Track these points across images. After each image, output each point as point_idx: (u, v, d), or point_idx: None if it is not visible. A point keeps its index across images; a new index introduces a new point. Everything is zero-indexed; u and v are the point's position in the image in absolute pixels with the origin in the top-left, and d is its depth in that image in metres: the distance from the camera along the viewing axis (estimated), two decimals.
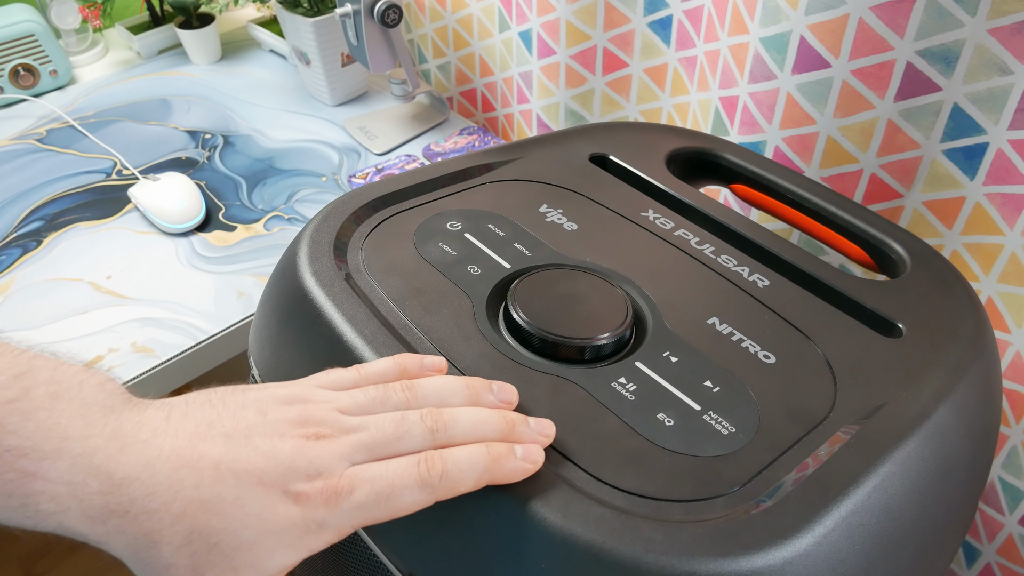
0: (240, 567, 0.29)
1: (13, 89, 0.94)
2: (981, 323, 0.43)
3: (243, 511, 0.29)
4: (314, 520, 0.30)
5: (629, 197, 0.50)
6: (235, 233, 0.75)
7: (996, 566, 0.66)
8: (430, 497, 0.31)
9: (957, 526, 0.41)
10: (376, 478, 0.31)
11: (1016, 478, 0.61)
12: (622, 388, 0.37)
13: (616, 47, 0.76)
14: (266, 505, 0.29)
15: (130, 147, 0.87)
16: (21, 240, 0.74)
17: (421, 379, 0.35)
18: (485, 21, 0.90)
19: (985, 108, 0.53)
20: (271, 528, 0.29)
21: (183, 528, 0.29)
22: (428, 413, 0.33)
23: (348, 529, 0.31)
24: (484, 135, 0.89)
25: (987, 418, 0.42)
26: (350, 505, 0.30)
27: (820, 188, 0.52)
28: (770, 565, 0.30)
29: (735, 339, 0.40)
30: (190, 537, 0.29)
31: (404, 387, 0.34)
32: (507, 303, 0.41)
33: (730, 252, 0.46)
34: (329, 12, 0.86)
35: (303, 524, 0.30)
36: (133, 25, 1.05)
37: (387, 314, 0.40)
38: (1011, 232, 0.55)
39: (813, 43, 0.56)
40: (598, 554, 0.30)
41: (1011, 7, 0.49)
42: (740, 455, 0.34)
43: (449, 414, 0.33)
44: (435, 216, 0.47)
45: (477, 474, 0.32)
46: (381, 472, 0.31)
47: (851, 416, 0.36)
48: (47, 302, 0.67)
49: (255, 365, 0.47)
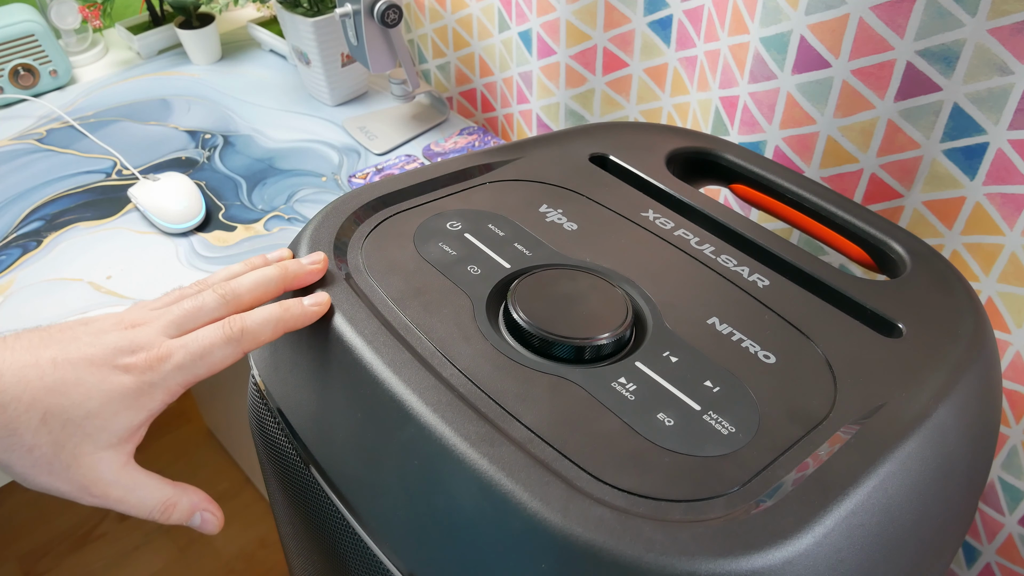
0: (93, 432, 0.36)
1: (13, 89, 0.94)
2: (981, 323, 0.43)
3: (84, 387, 0.35)
4: (145, 383, 0.36)
5: (629, 197, 0.50)
6: (235, 233, 0.75)
7: (996, 566, 0.66)
8: (237, 350, 0.38)
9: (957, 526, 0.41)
10: (189, 343, 0.38)
11: (1016, 478, 0.61)
12: (622, 388, 0.37)
13: (616, 47, 0.76)
14: (102, 379, 0.36)
15: (130, 147, 0.87)
16: (21, 240, 0.74)
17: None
18: (485, 21, 0.90)
19: (985, 108, 0.53)
20: (111, 395, 0.36)
21: (36, 413, 0.34)
22: (219, 285, 0.40)
23: (176, 388, 0.37)
24: (484, 135, 0.89)
25: (987, 418, 0.42)
26: (171, 367, 0.37)
27: (820, 188, 0.52)
28: (770, 565, 0.30)
29: (735, 339, 0.40)
30: (44, 419, 0.35)
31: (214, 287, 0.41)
32: (507, 303, 0.41)
33: (730, 252, 0.46)
34: (329, 12, 0.86)
35: (136, 388, 0.36)
36: (133, 25, 1.04)
37: (387, 314, 0.40)
38: (1011, 232, 0.55)
39: (813, 43, 0.56)
40: (598, 554, 0.30)
41: (1011, 7, 0.49)
42: (740, 455, 0.34)
43: (235, 280, 0.41)
44: (435, 216, 0.47)
45: (272, 324, 0.39)
46: (193, 337, 0.38)
47: (851, 416, 0.36)
48: (47, 302, 0.67)
49: (255, 365, 0.47)
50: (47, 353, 0.36)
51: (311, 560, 0.50)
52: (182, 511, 0.39)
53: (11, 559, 1.19)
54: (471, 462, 0.33)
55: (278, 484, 0.49)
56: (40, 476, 0.35)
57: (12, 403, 0.34)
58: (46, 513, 1.24)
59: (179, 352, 0.37)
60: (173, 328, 0.38)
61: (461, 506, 0.34)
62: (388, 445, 0.37)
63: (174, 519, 0.39)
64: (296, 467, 0.44)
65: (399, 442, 0.36)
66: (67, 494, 0.36)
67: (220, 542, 1.21)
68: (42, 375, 0.35)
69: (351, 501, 0.40)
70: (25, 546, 1.20)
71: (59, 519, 1.24)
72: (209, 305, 0.39)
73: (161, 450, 1.33)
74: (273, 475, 0.50)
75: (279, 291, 0.41)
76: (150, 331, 0.38)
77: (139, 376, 0.36)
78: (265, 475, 0.53)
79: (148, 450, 1.33)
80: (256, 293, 0.41)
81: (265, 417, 0.47)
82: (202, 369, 0.38)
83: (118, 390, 0.36)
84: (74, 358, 0.36)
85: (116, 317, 0.39)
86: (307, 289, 0.42)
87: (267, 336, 0.39)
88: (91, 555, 1.19)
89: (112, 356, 0.36)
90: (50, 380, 0.35)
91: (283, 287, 0.41)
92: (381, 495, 0.37)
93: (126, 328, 0.38)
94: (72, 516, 1.24)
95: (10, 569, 1.17)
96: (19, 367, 0.35)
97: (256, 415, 0.49)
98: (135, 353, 0.37)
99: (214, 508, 0.41)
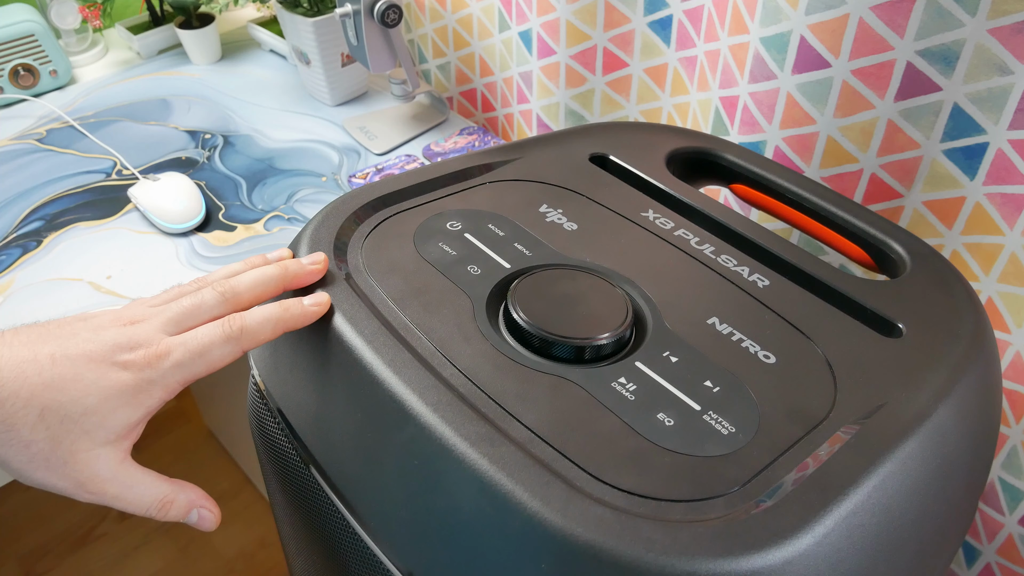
0: (91, 429, 0.35)
1: (13, 89, 0.94)
2: (981, 323, 0.43)
3: (82, 383, 0.35)
4: (143, 380, 0.36)
5: (629, 197, 0.50)
6: (235, 233, 0.75)
7: (996, 566, 0.66)
8: (236, 348, 0.38)
9: (957, 526, 0.41)
10: (188, 340, 0.37)
11: (1016, 478, 0.61)
12: (622, 388, 0.37)
13: (616, 47, 0.76)
14: (100, 375, 0.36)
15: (130, 147, 0.87)
16: (21, 240, 0.74)
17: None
18: (485, 21, 0.90)
19: (985, 108, 0.53)
20: (109, 392, 0.36)
21: (34, 409, 0.34)
22: (218, 283, 0.40)
23: (175, 385, 0.37)
24: (484, 135, 0.89)
25: (987, 418, 0.42)
26: (170, 364, 0.37)
27: (820, 188, 0.52)
28: (770, 565, 0.30)
29: (735, 339, 0.40)
30: (42, 414, 0.34)
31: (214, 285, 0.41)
32: (507, 303, 0.41)
33: (730, 252, 0.46)
34: (329, 12, 0.86)
35: (135, 385, 0.36)
36: (133, 25, 1.04)
37: (387, 314, 0.40)
38: (1011, 232, 0.55)
39: (813, 43, 0.56)
40: (598, 554, 0.30)
41: (1011, 7, 0.49)
42: (740, 455, 0.34)
43: (235, 278, 0.41)
44: (435, 216, 0.47)
45: (272, 324, 0.39)
46: (192, 335, 0.38)
47: (851, 416, 0.36)
48: (47, 302, 0.67)
49: (255, 365, 0.47)
50: (46, 349, 0.36)
51: (311, 560, 0.50)
52: (179, 508, 0.39)
53: (11, 559, 1.19)
54: (471, 462, 0.33)
55: (278, 484, 0.49)
56: (37, 472, 0.35)
57: (10, 399, 0.34)
58: (46, 513, 1.24)
59: (178, 350, 0.37)
60: (172, 325, 0.38)
61: (461, 506, 0.34)
62: (388, 445, 0.37)
63: (171, 516, 0.39)
64: (296, 467, 0.44)
65: (399, 442, 0.36)
66: (64, 490, 0.36)
67: (220, 542, 1.21)
68: (40, 371, 0.35)
69: (351, 501, 0.40)
70: (25, 546, 1.20)
71: (59, 519, 1.24)
72: (208, 303, 0.39)
73: (161, 450, 1.33)
74: (273, 475, 0.50)
75: (279, 290, 0.41)
76: (149, 328, 0.38)
77: (137, 373, 0.36)
78: (265, 475, 0.53)
79: (148, 450, 1.33)
80: (255, 292, 0.41)
81: (265, 417, 0.47)
82: (201, 367, 0.38)
83: (116, 387, 0.36)
84: (73, 354, 0.36)
85: (115, 313, 0.39)
86: (307, 289, 0.42)
87: (266, 335, 0.39)
88: (91, 555, 1.19)
89: (111, 353, 0.36)
90: (48, 376, 0.35)
91: (283, 286, 0.41)
92: (381, 495, 0.37)
93: (125, 325, 0.38)
94: (72, 516, 1.24)
95: (10, 569, 1.17)
96: (17, 363, 0.35)
97: (256, 415, 0.49)
98: (134, 350, 0.37)
99: (211, 505, 0.41)
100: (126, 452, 0.37)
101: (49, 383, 0.35)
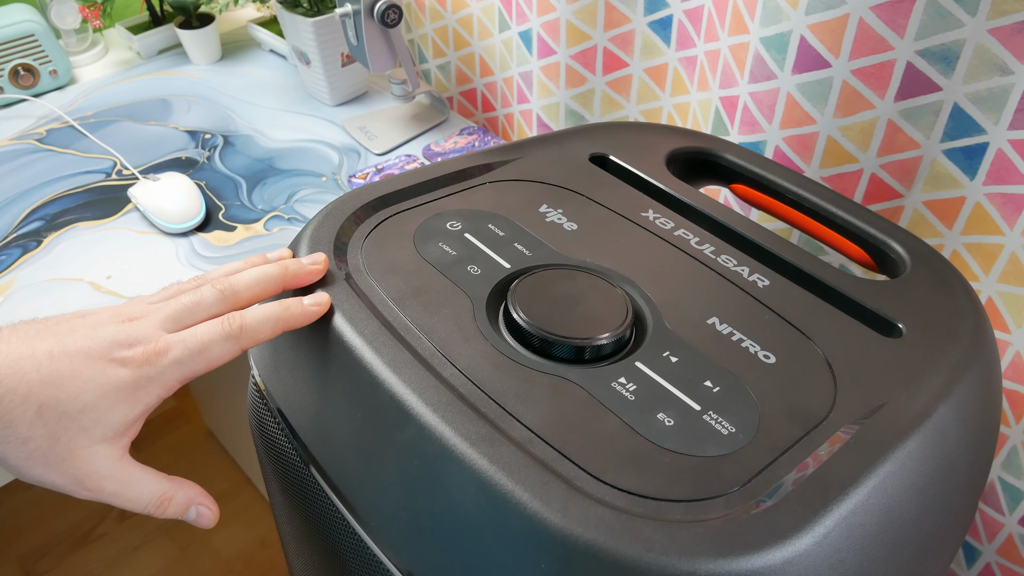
0: (88, 425, 0.35)
1: (13, 89, 0.94)
2: (981, 323, 0.43)
3: (80, 380, 0.35)
4: (142, 377, 0.36)
5: (629, 197, 0.50)
6: (235, 233, 0.75)
7: (996, 566, 0.66)
8: (235, 347, 0.38)
9: (957, 526, 0.41)
10: (187, 338, 0.37)
11: (1016, 478, 0.61)
12: (622, 388, 0.37)
13: (616, 47, 0.76)
14: (98, 372, 0.35)
15: (130, 147, 0.87)
16: (21, 240, 0.74)
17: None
18: (485, 21, 0.90)
19: (985, 108, 0.53)
20: (107, 389, 0.35)
21: (32, 405, 0.34)
22: (218, 281, 0.40)
23: (173, 383, 0.37)
24: (484, 135, 0.89)
25: (987, 418, 0.42)
26: (168, 361, 0.37)
27: (820, 188, 0.52)
28: (770, 565, 0.30)
29: (735, 339, 0.40)
30: (40, 411, 0.34)
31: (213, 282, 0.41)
32: (507, 303, 0.41)
33: (730, 252, 0.46)
34: (329, 12, 0.86)
35: (133, 382, 0.36)
36: (133, 25, 1.04)
37: (387, 314, 0.40)
38: (1011, 232, 0.55)
39: (813, 43, 0.56)
40: (598, 554, 0.30)
41: (1011, 7, 0.49)
42: (740, 455, 0.34)
43: (235, 277, 0.40)
44: (435, 216, 0.47)
45: (272, 323, 0.39)
46: (191, 333, 0.38)
47: (851, 416, 0.36)
48: (47, 302, 0.67)
49: (255, 365, 0.47)
50: (44, 345, 0.36)
51: (311, 560, 0.50)
52: (177, 505, 0.39)
53: (11, 559, 1.19)
54: (471, 462, 0.33)
55: (278, 484, 0.49)
56: (35, 469, 0.35)
57: (8, 395, 0.34)
58: (46, 513, 1.24)
59: (177, 347, 0.37)
60: (171, 323, 0.38)
61: (461, 506, 0.34)
62: (388, 445, 0.37)
63: (169, 513, 0.39)
64: (296, 467, 0.44)
65: (399, 442, 0.36)
66: (62, 487, 0.36)
67: (220, 542, 1.21)
68: (38, 367, 0.35)
69: (351, 501, 0.40)
70: (25, 546, 1.20)
71: (59, 519, 1.24)
72: (207, 300, 0.39)
73: (161, 450, 1.33)
74: (273, 475, 0.50)
75: (278, 289, 0.41)
76: (148, 325, 0.38)
77: (136, 370, 0.36)
78: (265, 475, 0.53)
79: (148, 450, 1.33)
80: (255, 290, 0.41)
81: (265, 417, 0.47)
82: (199, 365, 0.38)
83: (114, 383, 0.36)
84: (71, 351, 0.36)
85: (114, 310, 0.39)
86: (307, 289, 0.42)
87: (266, 334, 0.39)
88: (91, 555, 1.19)
89: (109, 349, 0.36)
90: (46, 372, 0.35)
91: (282, 285, 0.41)
92: (381, 495, 0.37)
93: (124, 321, 0.38)
94: (72, 516, 1.24)
95: (10, 569, 1.17)
96: (15, 359, 0.35)
97: (256, 415, 0.49)
98: (132, 347, 0.37)
99: (209, 502, 0.40)
100: (124, 449, 0.37)
101: (47, 379, 0.35)
